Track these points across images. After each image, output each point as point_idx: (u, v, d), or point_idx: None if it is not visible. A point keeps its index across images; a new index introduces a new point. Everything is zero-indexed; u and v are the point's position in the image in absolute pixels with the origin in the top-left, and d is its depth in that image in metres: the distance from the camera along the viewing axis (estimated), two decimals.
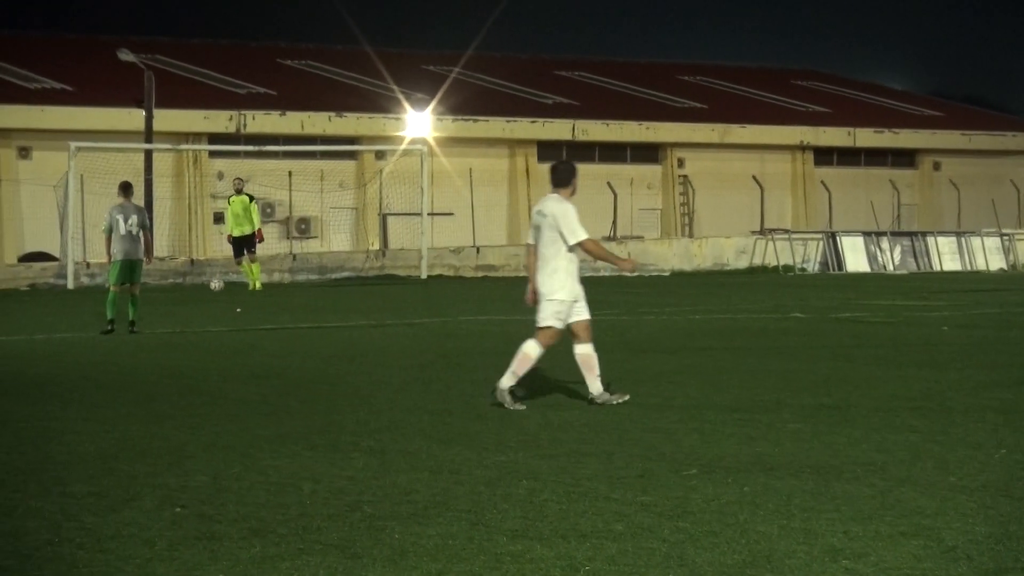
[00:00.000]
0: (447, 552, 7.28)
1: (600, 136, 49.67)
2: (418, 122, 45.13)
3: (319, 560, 7.13)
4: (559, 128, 49.07)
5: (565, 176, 12.94)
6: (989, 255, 48.57)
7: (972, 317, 23.77)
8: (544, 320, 12.70)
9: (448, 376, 15.21)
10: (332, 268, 40.10)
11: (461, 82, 51.09)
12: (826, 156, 54.41)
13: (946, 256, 47.98)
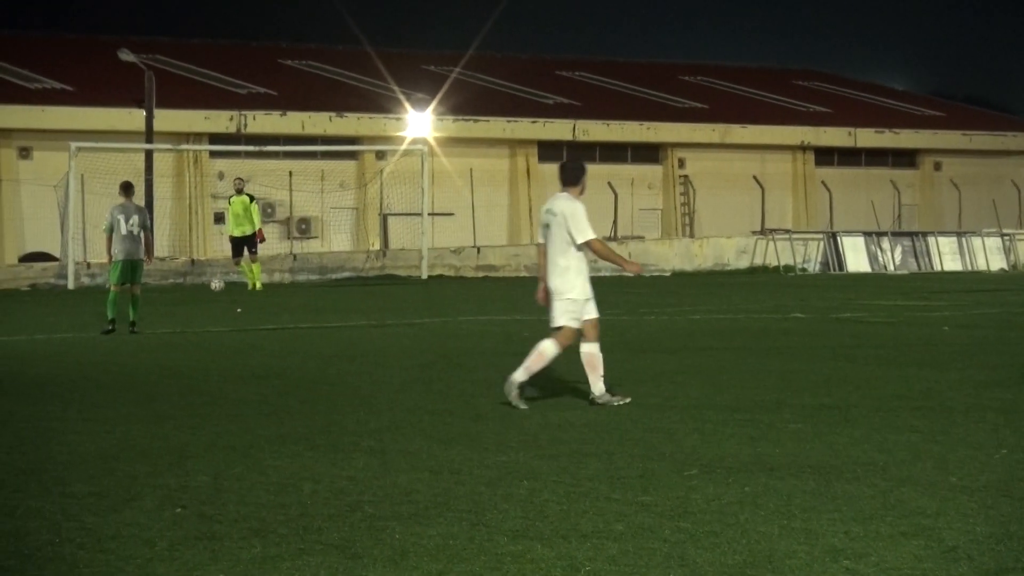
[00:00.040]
0: (448, 552, 7.28)
1: (601, 136, 49.69)
2: (419, 122, 45.14)
3: (320, 560, 7.13)
4: (560, 128, 49.08)
5: (574, 175, 12.94)
6: (990, 255, 48.55)
7: (973, 317, 23.76)
8: (558, 320, 12.69)
9: (449, 376, 15.21)
10: (333, 268, 40.08)
11: (462, 82, 51.09)
12: (827, 156, 54.43)
13: (947, 256, 47.96)
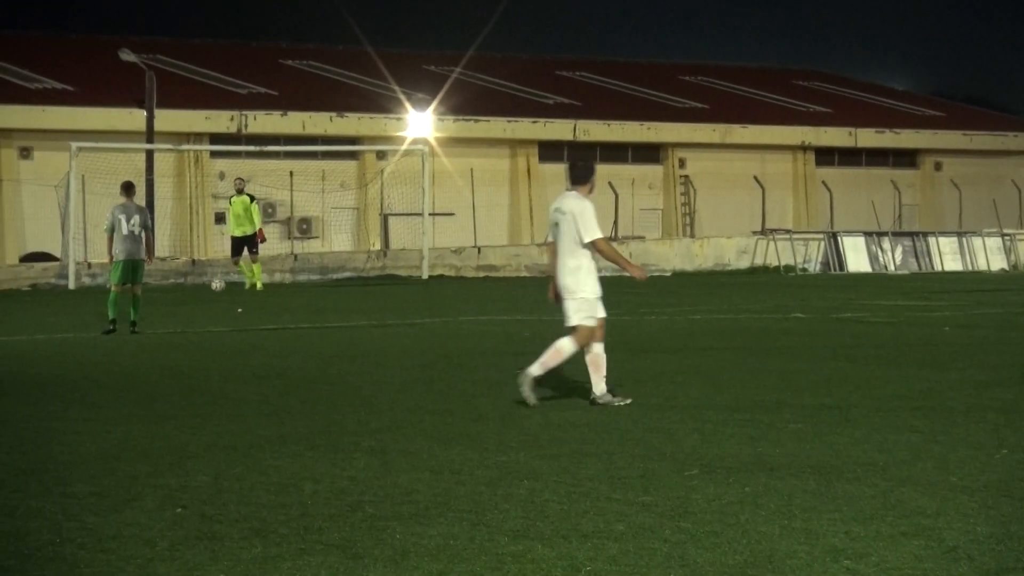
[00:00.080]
0: (448, 552, 7.28)
1: (601, 136, 49.70)
2: (419, 122, 45.15)
3: (320, 560, 7.13)
4: (560, 128, 49.09)
5: (583, 174, 12.95)
6: (990, 255, 48.55)
7: (973, 317, 23.76)
8: (573, 319, 12.69)
9: (449, 376, 15.21)
10: (333, 268, 40.08)
11: (462, 82, 51.10)
12: (827, 156, 54.45)
13: (947, 256, 47.96)
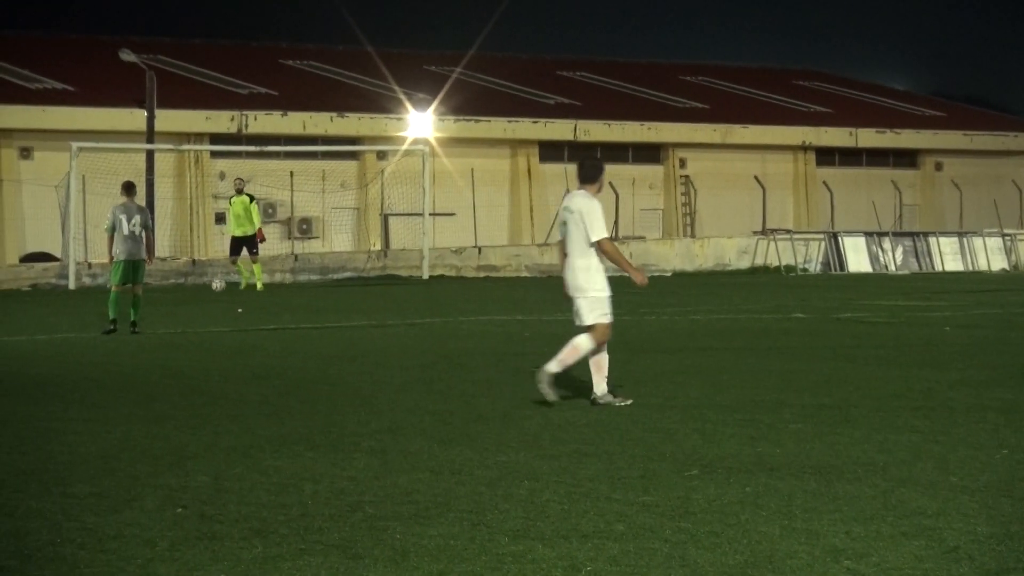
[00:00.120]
0: (448, 553, 7.28)
1: (602, 136, 49.69)
2: (420, 122, 45.15)
3: (320, 560, 7.13)
4: (561, 128, 49.09)
5: (592, 173, 12.97)
6: (991, 255, 48.56)
7: (974, 317, 23.76)
8: (587, 319, 12.69)
9: (449, 377, 15.21)
10: (334, 268, 40.09)
11: (463, 82, 51.11)
12: (828, 156, 54.44)
13: (948, 256, 47.96)
